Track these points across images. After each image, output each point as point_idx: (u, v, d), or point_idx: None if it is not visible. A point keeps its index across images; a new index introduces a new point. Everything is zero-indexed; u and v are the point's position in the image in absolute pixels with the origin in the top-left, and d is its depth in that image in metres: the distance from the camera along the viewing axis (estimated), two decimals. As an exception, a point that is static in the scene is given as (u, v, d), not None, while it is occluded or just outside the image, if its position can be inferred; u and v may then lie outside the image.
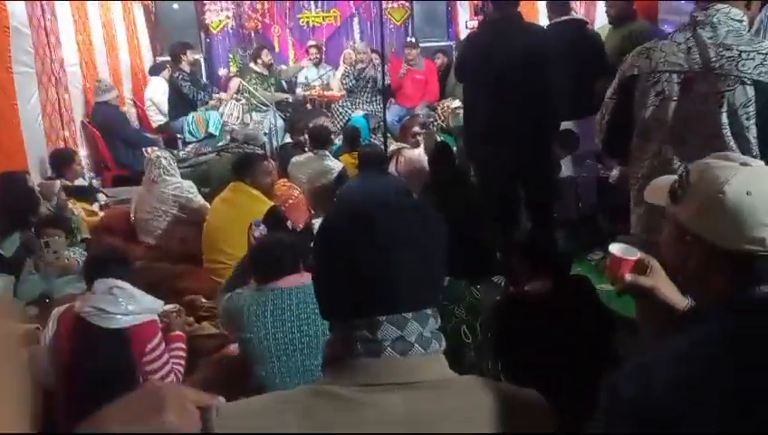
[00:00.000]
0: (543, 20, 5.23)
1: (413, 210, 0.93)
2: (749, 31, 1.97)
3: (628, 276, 1.33)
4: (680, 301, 1.27)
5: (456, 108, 6.27)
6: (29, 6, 4.64)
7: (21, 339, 2.60)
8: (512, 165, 3.48)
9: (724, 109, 1.85)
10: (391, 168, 5.07)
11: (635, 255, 1.35)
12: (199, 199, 4.03)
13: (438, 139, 5.99)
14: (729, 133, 1.85)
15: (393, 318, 0.87)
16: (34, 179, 4.16)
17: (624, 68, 2.13)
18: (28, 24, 4.61)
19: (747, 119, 1.83)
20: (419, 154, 5.22)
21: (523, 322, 2.46)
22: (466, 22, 7.97)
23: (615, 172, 3.99)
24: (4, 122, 4.09)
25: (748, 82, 1.81)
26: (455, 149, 4.86)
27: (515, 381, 2.43)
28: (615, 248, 1.37)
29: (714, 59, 1.87)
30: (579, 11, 5.55)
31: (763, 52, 1.82)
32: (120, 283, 2.30)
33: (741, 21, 1.91)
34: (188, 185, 4.07)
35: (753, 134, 1.85)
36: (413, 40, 7.47)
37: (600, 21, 5.24)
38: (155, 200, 3.95)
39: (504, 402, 0.90)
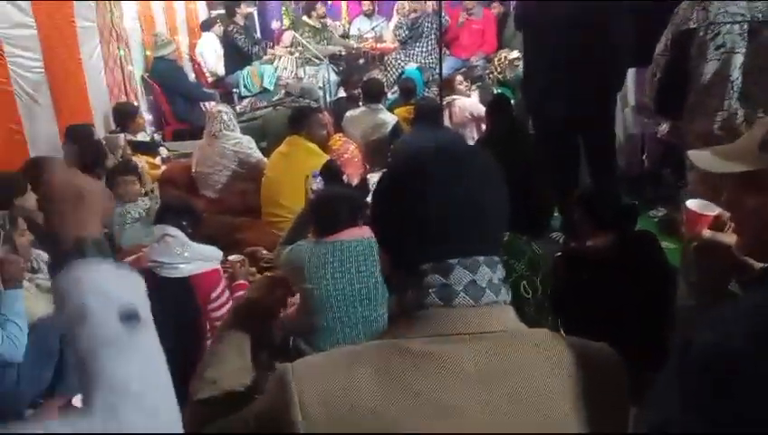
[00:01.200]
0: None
1: (479, 156, 0.93)
2: None
3: (707, 232, 1.28)
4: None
5: (513, 59, 6.07)
6: (90, -40, 4.70)
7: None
8: (574, 117, 3.36)
9: None
10: (445, 120, 5.01)
11: (713, 211, 1.30)
12: (258, 154, 4.08)
13: (495, 91, 5.86)
14: None
15: (465, 261, 0.86)
16: (99, 133, 4.30)
17: (677, 21, 2.03)
18: (89, -22, 4.69)
19: None
20: (472, 103, 5.12)
21: (585, 278, 2.42)
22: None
23: (664, 127, 3.82)
24: (68, 76, 4.21)
25: None
26: (512, 101, 4.74)
27: (576, 336, 2.41)
28: (693, 204, 1.31)
29: None
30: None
31: None
32: (171, 230, 2.34)
33: None
34: (248, 140, 4.12)
35: None
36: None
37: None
38: (215, 155, 4.02)
39: (576, 355, 0.88)
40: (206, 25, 7.31)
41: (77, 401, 1.10)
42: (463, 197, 0.87)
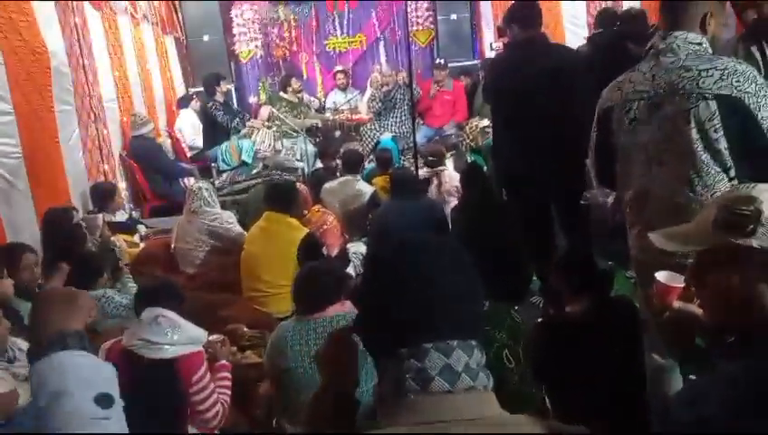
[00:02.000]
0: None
1: (448, 245, 1.00)
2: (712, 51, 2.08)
3: (676, 303, 1.33)
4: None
5: (484, 127, 6.28)
6: (68, 46, 4.82)
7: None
8: (543, 185, 3.46)
9: (692, 125, 1.95)
10: (433, 188, 5.12)
11: (680, 282, 1.35)
12: (237, 229, 4.11)
13: (468, 158, 6.02)
14: (701, 148, 1.96)
15: (440, 344, 0.89)
16: (78, 213, 4.30)
17: (600, 103, 2.26)
18: (68, 63, 4.80)
19: (715, 131, 1.93)
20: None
21: (564, 344, 2.44)
22: (491, 43, 8.01)
23: (610, 198, 3.96)
24: (47, 159, 4.24)
25: (710, 97, 1.92)
26: (485, 168, 4.87)
27: (560, 403, 2.41)
28: (661, 276, 1.37)
29: (676, 81, 1.99)
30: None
31: (721, 67, 1.93)
32: (166, 312, 2.33)
33: (700, 44, 2.02)
34: (228, 215, 4.16)
35: (723, 145, 1.95)
36: (442, 61, 7.52)
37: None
38: (195, 231, 4.04)
39: None
40: (184, 102, 7.46)
41: None
42: (440, 284, 0.93)
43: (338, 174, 5.52)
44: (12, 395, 2.30)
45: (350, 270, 4.16)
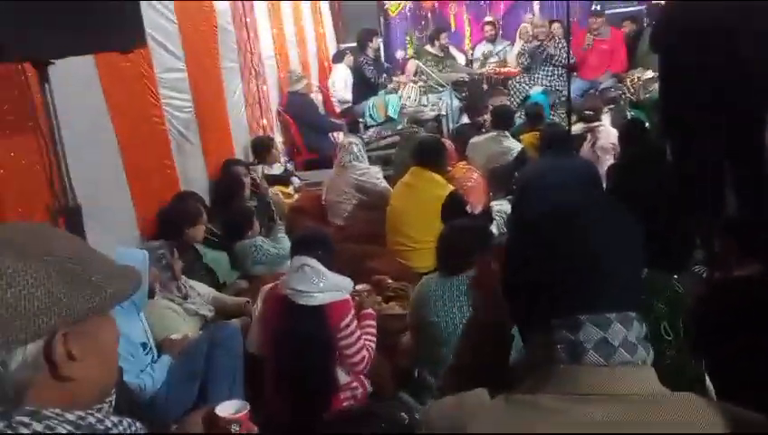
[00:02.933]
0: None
1: (611, 210, 0.92)
2: None
3: None
4: None
5: (647, 79, 5.78)
6: (232, 6, 5.11)
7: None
8: (719, 145, 3.13)
9: None
10: (587, 146, 4.86)
11: None
12: (384, 184, 4.20)
13: (628, 114, 5.59)
14: None
15: (596, 318, 0.83)
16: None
17: None
18: (232, 21, 5.10)
19: None
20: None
21: (732, 313, 2.22)
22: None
23: None
24: (214, 114, 4.58)
25: None
26: (647, 125, 4.50)
27: (723, 381, 2.21)
28: None
29: None
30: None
31: None
32: (310, 261, 2.44)
33: None
34: (375, 170, 4.27)
35: None
36: (597, 8, 7.00)
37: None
38: (344, 184, 4.19)
39: (726, 427, 0.80)
40: (338, 57, 7.67)
41: (220, 410, 1.21)
42: (593, 253, 0.86)
43: (483, 129, 5.40)
44: (183, 340, 2.59)
45: (494, 229, 4.09)
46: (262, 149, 4.92)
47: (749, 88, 2.94)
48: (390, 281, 3.25)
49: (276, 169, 4.99)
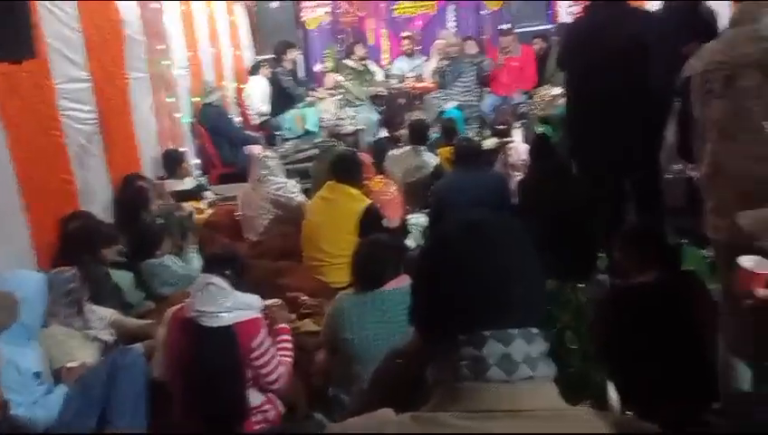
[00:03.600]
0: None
1: (510, 227, 0.94)
2: None
3: (761, 291, 1.21)
4: None
5: (555, 95, 6.03)
6: (142, 14, 4.93)
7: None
8: (620, 159, 3.29)
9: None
10: (500, 162, 4.99)
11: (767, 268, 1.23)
12: (300, 198, 4.14)
13: (537, 129, 5.81)
14: None
15: (498, 334, 0.84)
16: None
17: (682, 71, 2.14)
18: (141, 31, 4.91)
19: None
20: (527, 148, 5.09)
21: (632, 318, 2.33)
22: (567, 7, 7.65)
23: (695, 173, 3.71)
24: (120, 126, 4.38)
25: None
26: (554, 140, 4.68)
27: (624, 385, 2.31)
28: (745, 261, 1.25)
29: (753, 52, 1.86)
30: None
31: None
32: (215, 279, 2.36)
33: None
34: (291, 184, 4.21)
35: None
36: (507, 27, 7.25)
37: None
38: (260, 199, 4.11)
39: None
40: (255, 69, 7.55)
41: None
42: (497, 269, 0.87)
43: (400, 143, 5.46)
44: (80, 368, 2.44)
45: (410, 242, 4.12)
46: (172, 162, 4.75)
47: (645, 105, 3.11)
48: (305, 297, 3.20)
49: (188, 184, 4.82)
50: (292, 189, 4.18)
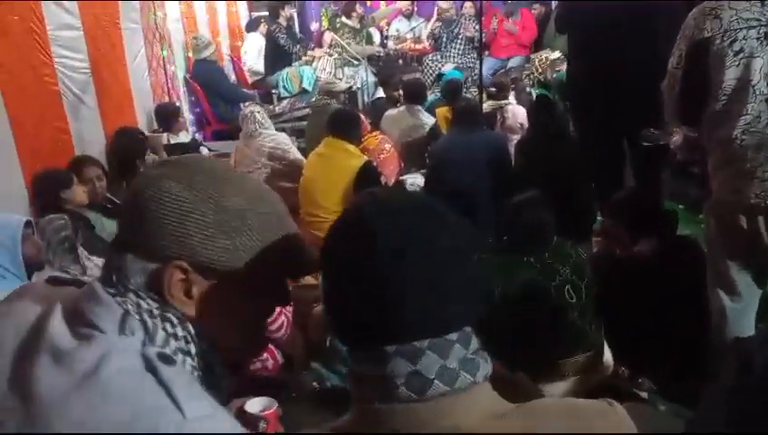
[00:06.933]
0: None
1: (432, 217, 0.77)
2: None
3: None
4: None
5: (554, 59, 5.98)
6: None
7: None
8: (621, 123, 3.28)
9: None
10: (497, 125, 4.96)
11: None
12: (294, 152, 4.11)
13: (534, 92, 5.77)
14: None
15: (404, 349, 0.71)
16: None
17: (689, 33, 2.02)
18: (134, -20, 4.79)
19: None
20: (524, 110, 5.06)
21: (629, 284, 2.36)
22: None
23: (677, 138, 3.70)
24: (114, 76, 4.30)
25: None
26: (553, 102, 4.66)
27: (619, 341, 2.34)
28: None
29: None
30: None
31: None
32: None
33: None
34: (283, 137, 4.17)
35: None
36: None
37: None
38: (254, 153, 4.06)
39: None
40: (252, 26, 7.41)
41: (249, 406, 1.30)
42: (400, 270, 0.72)
43: (399, 104, 5.41)
44: None
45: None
46: (166, 116, 4.68)
47: (647, 65, 3.08)
48: (303, 251, 3.19)
49: (183, 138, 4.77)
50: (285, 142, 4.15)
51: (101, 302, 0.73)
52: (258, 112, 4.19)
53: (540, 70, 6.19)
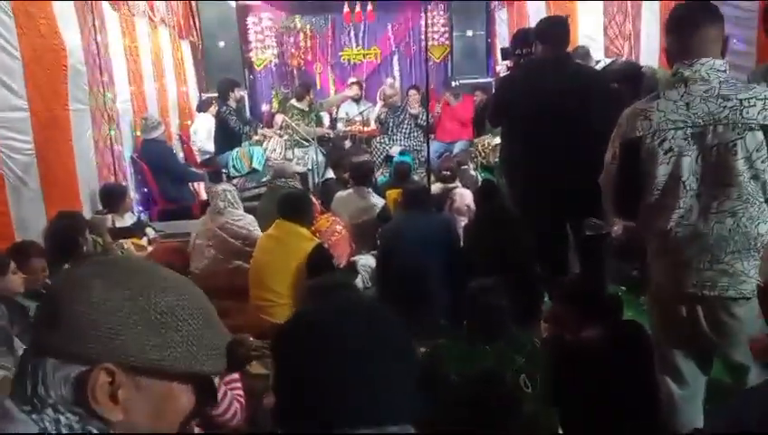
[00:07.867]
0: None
1: (370, 316, 0.86)
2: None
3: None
4: None
5: (496, 144, 6.24)
6: (85, 45, 4.82)
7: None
8: (560, 208, 3.41)
9: (740, 156, 1.93)
10: (446, 208, 5.09)
11: None
12: (258, 234, 4.08)
13: (477, 175, 5.98)
14: (746, 179, 1.94)
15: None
16: (86, 213, 4.27)
17: (621, 131, 2.17)
18: (84, 62, 4.79)
19: (762, 162, 1.93)
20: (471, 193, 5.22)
21: (580, 370, 2.39)
22: (499, 64, 8.02)
23: (617, 228, 3.89)
24: (59, 158, 4.22)
25: (756, 128, 1.91)
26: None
27: (574, 426, 2.35)
28: None
29: (717, 111, 1.96)
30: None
31: (761, 97, 1.93)
32: None
33: (725, 71, 2.01)
34: (251, 219, 4.20)
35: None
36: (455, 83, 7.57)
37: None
38: (216, 228, 4.05)
39: None
40: (203, 106, 7.46)
41: None
42: (342, 365, 0.80)
43: (348, 185, 5.49)
44: None
45: (359, 283, 4.11)
46: (112, 196, 4.57)
47: (583, 151, 3.22)
48: (252, 339, 3.10)
49: (128, 219, 4.66)
50: (253, 223, 4.15)
51: (16, 421, 0.69)
52: (230, 192, 4.23)
53: (483, 154, 6.44)
